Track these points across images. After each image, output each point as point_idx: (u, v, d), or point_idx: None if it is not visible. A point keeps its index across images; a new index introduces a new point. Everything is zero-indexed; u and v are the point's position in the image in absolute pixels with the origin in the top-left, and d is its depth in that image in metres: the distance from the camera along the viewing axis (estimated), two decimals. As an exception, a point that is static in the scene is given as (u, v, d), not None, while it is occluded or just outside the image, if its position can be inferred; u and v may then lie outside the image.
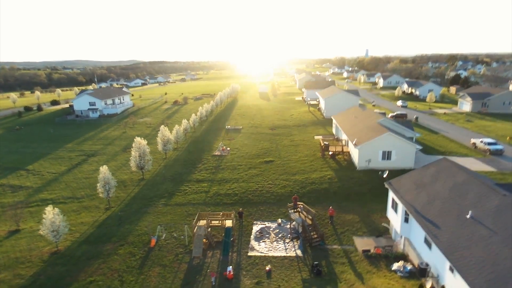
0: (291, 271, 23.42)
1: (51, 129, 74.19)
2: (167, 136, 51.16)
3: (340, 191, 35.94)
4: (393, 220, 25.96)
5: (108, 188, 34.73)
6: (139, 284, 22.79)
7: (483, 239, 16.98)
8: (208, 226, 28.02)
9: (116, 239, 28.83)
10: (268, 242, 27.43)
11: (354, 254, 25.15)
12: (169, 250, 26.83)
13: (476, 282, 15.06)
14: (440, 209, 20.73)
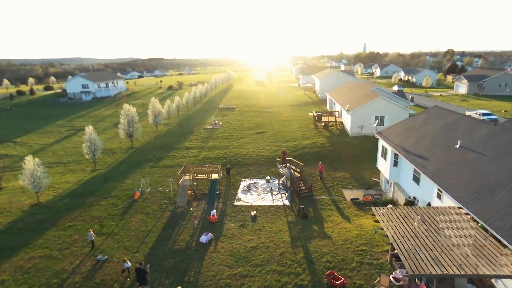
0: (277, 216, 22.73)
1: (43, 109, 73.28)
2: (158, 109, 50.42)
3: (331, 153, 35.27)
4: (382, 169, 25.32)
5: (93, 148, 33.94)
6: (119, 227, 22.05)
7: (471, 161, 16.35)
8: (194, 179, 27.27)
9: (99, 193, 28.05)
10: (255, 194, 26.74)
11: (342, 202, 24.50)
12: (153, 201, 26.07)
13: (463, 195, 14.41)
14: (429, 145, 20.09)
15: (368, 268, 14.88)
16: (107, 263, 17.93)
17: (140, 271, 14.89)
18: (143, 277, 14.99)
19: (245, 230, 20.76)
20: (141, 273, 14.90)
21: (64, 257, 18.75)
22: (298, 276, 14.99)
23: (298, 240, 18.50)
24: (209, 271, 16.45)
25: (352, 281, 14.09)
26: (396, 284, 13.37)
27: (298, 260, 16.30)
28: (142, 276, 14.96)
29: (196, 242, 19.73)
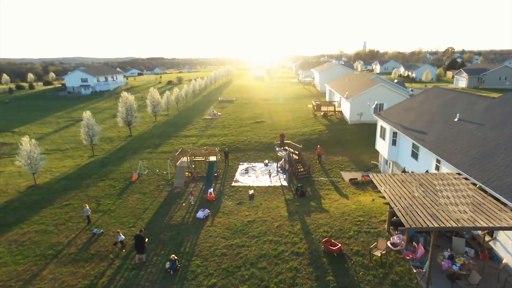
0: (275, 195, 22.57)
1: (42, 102, 73.14)
2: (157, 99, 50.31)
3: (330, 140, 35.12)
4: (381, 149, 25.16)
5: (91, 134, 33.80)
6: (116, 206, 21.90)
7: (469, 132, 16.21)
8: (192, 161, 27.13)
9: (96, 176, 27.91)
10: (253, 176, 26.58)
11: (340, 183, 24.35)
12: (150, 183, 25.92)
13: (461, 162, 14.27)
14: (428, 121, 19.94)
15: (365, 236, 14.73)
16: (103, 236, 17.78)
17: (139, 238, 14.83)
18: (141, 245, 14.91)
19: (243, 207, 20.62)
20: (139, 240, 14.82)
21: (60, 232, 18.62)
22: (294, 245, 14.84)
23: (296, 215, 18.35)
24: (205, 243, 16.31)
25: (349, 248, 13.94)
26: (393, 249, 13.22)
27: (295, 231, 16.15)
28: (141, 243, 14.88)
29: (193, 217, 19.59)
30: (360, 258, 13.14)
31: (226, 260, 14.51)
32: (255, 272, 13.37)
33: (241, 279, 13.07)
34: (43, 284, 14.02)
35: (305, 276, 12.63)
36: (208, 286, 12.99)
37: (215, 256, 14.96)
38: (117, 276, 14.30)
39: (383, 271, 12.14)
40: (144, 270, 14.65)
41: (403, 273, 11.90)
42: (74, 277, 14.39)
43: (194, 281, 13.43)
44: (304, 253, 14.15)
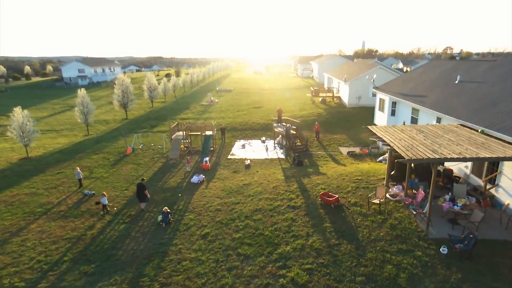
0: (272, 165, 22.16)
1: (38, 91, 72.51)
2: (154, 84, 49.84)
3: (328, 121, 34.74)
4: (380, 122, 24.82)
5: (86, 112, 33.31)
6: (109, 174, 21.43)
7: (471, 90, 15.88)
8: (188, 135, 26.70)
9: (90, 150, 27.42)
10: (250, 151, 26.16)
11: (338, 156, 23.97)
12: (145, 155, 25.47)
13: (462, 114, 13.93)
14: (428, 87, 19.61)
15: (363, 190, 14.34)
16: (94, 197, 17.32)
17: (140, 186, 15.06)
18: (142, 193, 15.07)
19: (238, 174, 20.20)
20: (141, 188, 15.02)
21: (50, 194, 18.14)
22: (291, 200, 14.43)
23: (292, 177, 17.94)
24: (199, 201, 15.88)
25: (347, 200, 13.54)
26: (392, 199, 12.84)
27: (291, 190, 15.74)
28: (142, 191, 15.04)
29: (188, 182, 19.16)
30: (358, 208, 12.75)
31: (220, 215, 14.08)
32: (249, 223, 12.95)
33: (235, 229, 12.65)
34: (30, 235, 13.55)
35: (301, 225, 12.22)
36: (201, 235, 12.56)
37: (209, 212, 14.53)
38: (107, 229, 13.85)
39: (381, 217, 11.75)
40: (135, 223, 14.22)
41: (402, 218, 11.51)
42: (63, 230, 13.93)
43: (187, 231, 13.00)
44: (300, 206, 13.75)
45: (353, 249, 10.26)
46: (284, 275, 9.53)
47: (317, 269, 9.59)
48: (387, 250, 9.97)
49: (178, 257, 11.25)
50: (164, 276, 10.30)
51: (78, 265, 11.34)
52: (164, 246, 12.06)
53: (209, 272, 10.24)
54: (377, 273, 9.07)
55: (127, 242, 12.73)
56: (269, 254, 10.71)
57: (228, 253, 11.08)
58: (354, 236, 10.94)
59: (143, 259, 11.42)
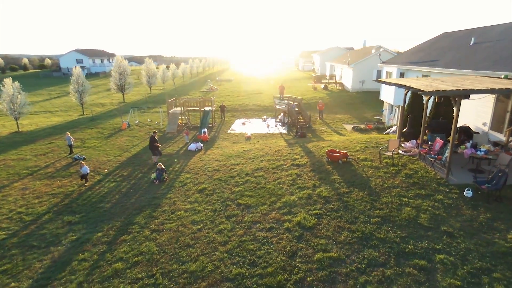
0: (274, 138, 21.15)
1: (35, 80, 71.40)
2: (153, 70, 48.81)
3: (331, 103, 33.79)
4: (386, 97, 23.85)
5: (81, 90, 32.27)
6: (102, 143, 20.39)
7: (487, 48, 14.90)
8: (186, 110, 25.70)
9: (84, 126, 26.38)
10: (250, 126, 25.16)
11: (343, 131, 22.99)
12: (141, 130, 24.45)
13: (481, 65, 12.94)
14: (439, 53, 18.63)
15: (373, 149, 13.33)
16: (85, 162, 16.26)
17: (152, 138, 15.08)
18: (153, 145, 14.99)
19: (238, 144, 19.18)
20: (152, 140, 15.03)
21: (39, 159, 17.09)
22: (295, 160, 13.40)
23: (296, 144, 16.92)
24: (196, 164, 14.86)
25: (356, 157, 12.53)
26: (405, 154, 11.84)
27: (295, 152, 14.70)
28: (153, 143, 14.98)
29: (185, 150, 18.16)
30: (368, 163, 11.74)
31: (218, 174, 13.06)
32: (250, 179, 11.93)
33: (235, 184, 11.63)
34: (12, 192, 12.51)
35: (307, 178, 11.20)
36: (198, 190, 11.55)
37: (206, 172, 13.51)
38: (96, 186, 12.83)
39: (395, 169, 10.75)
40: (126, 182, 13.19)
41: (418, 168, 10.51)
42: (49, 187, 12.89)
43: (182, 188, 11.98)
44: (305, 164, 12.73)
45: (365, 195, 9.26)
46: (290, 220, 8.52)
47: (326, 214, 8.59)
48: (404, 195, 8.97)
49: (172, 208, 10.24)
50: (156, 224, 9.28)
51: (62, 216, 10.32)
52: (157, 200, 11.05)
53: (206, 219, 9.22)
54: (394, 215, 8.07)
55: (117, 196, 11.71)
56: (272, 203, 9.70)
57: (227, 204, 10.08)
58: (366, 185, 9.93)
59: (133, 210, 10.40)
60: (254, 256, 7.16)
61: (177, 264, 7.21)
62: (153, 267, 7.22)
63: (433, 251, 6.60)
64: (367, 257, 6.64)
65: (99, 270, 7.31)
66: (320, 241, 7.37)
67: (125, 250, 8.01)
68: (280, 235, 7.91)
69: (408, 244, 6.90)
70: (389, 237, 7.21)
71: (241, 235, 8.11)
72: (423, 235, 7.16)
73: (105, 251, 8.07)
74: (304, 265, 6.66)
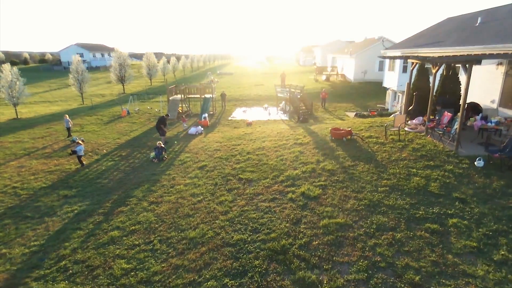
0: (275, 124, 20.80)
1: (35, 73, 71.07)
2: (153, 62, 48.42)
3: (333, 93, 33.39)
4: (390, 83, 23.47)
5: (80, 79, 31.92)
6: (102, 128, 20.08)
7: (496, 25, 14.48)
8: (186, 97, 25.35)
9: (84, 114, 26.06)
10: (251, 114, 24.80)
11: (346, 118, 22.62)
12: (141, 117, 24.12)
13: (490, 40, 12.53)
14: (444, 36, 18.19)
15: (377, 128, 12.97)
16: (84, 144, 15.94)
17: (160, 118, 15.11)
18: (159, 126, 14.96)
19: (239, 129, 18.85)
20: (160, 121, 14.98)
21: (36, 142, 16.79)
22: (297, 140, 13.05)
23: (299, 127, 16.58)
24: (197, 145, 14.54)
25: (361, 134, 12.17)
26: (411, 131, 11.49)
27: (298, 133, 14.37)
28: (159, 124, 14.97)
29: (185, 134, 17.83)
30: (373, 139, 11.39)
31: (219, 153, 12.73)
32: (252, 157, 11.60)
33: (236, 162, 11.31)
34: (8, 169, 12.21)
35: (310, 155, 10.86)
36: (198, 167, 11.23)
37: (207, 152, 13.18)
38: (93, 164, 12.52)
39: (401, 144, 10.39)
40: (125, 161, 12.88)
41: (425, 143, 10.16)
42: (45, 165, 12.60)
43: (182, 165, 11.67)
44: (308, 142, 12.38)
45: (372, 167, 8.92)
46: (293, 191, 8.19)
47: (332, 185, 8.25)
48: (412, 166, 8.62)
49: (171, 183, 9.93)
50: (155, 197, 8.97)
51: (58, 190, 10.02)
52: (156, 176, 10.74)
53: (206, 192, 8.91)
54: (403, 184, 7.73)
55: (115, 173, 11.41)
56: (275, 177, 9.37)
57: (228, 179, 9.75)
58: (372, 158, 9.59)
59: (131, 185, 10.10)
60: (256, 224, 6.85)
61: (176, 232, 6.90)
62: (151, 234, 6.92)
63: (446, 215, 6.28)
64: (375, 222, 6.32)
65: (94, 238, 7.01)
66: (326, 209, 7.04)
67: (122, 220, 7.70)
68: (283, 204, 7.59)
69: (419, 210, 6.57)
70: (398, 204, 6.88)
71: (242, 206, 7.79)
72: (434, 201, 6.83)
73: (101, 221, 7.77)
74: (310, 230, 6.34)
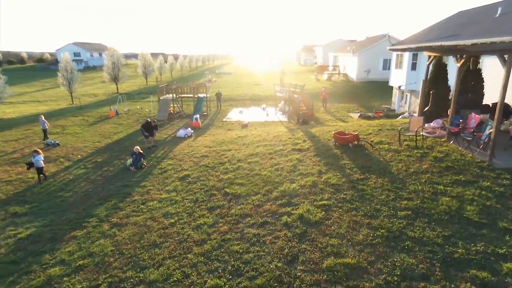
0: (273, 126, 19.14)
1: (31, 72, 69.69)
2: (149, 60, 46.85)
3: (335, 93, 31.74)
4: (397, 81, 21.80)
5: (69, 77, 30.35)
6: (84, 131, 18.46)
7: (522, 16, 12.78)
8: (178, 96, 23.76)
9: (70, 114, 24.47)
10: (248, 115, 23.17)
11: (349, 119, 20.96)
12: (129, 118, 22.52)
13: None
14: (459, 28, 16.50)
15: (388, 131, 11.31)
16: (59, 148, 14.36)
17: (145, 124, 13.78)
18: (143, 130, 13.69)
19: (233, 131, 17.22)
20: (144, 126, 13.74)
21: (8, 145, 15.18)
22: (296, 145, 11.39)
23: (298, 129, 14.92)
24: (182, 150, 12.89)
25: (370, 140, 10.51)
26: (429, 135, 9.83)
27: (297, 137, 12.70)
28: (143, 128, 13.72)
29: (173, 137, 16.21)
30: (385, 146, 9.72)
31: (206, 160, 11.09)
32: (243, 165, 9.95)
33: (224, 171, 9.66)
34: (-39, 179, 10.60)
35: (311, 164, 9.21)
36: (179, 177, 9.59)
37: (193, 158, 11.54)
38: (61, 173, 10.90)
39: (419, 152, 8.73)
40: (98, 168, 11.26)
41: (450, 151, 8.49)
42: (6, 173, 10.98)
43: (162, 175, 10.03)
44: (308, 148, 10.73)
45: (386, 182, 7.26)
46: (289, 213, 6.54)
47: (337, 205, 6.59)
48: (438, 182, 6.95)
49: (144, 198, 8.29)
50: (119, 217, 7.32)
51: (9, 206, 8.39)
52: (128, 188, 9.11)
53: (183, 212, 7.26)
54: (429, 206, 6.07)
55: (82, 184, 9.78)
56: (268, 192, 7.72)
57: (211, 193, 8.10)
58: (386, 170, 7.93)
59: (97, 200, 8.47)
60: (239, 261, 5.20)
61: (133, 271, 5.25)
62: (101, 274, 5.27)
63: (496, 256, 4.61)
64: (399, 265, 4.66)
65: (27, 278, 5.36)
66: (331, 241, 5.39)
67: (71, 250, 6.06)
68: (275, 232, 5.94)
69: (456, 246, 4.90)
70: (426, 236, 5.22)
71: (224, 232, 6.14)
72: (476, 234, 5.16)
73: (44, 252, 6.14)
74: (309, 275, 4.69)
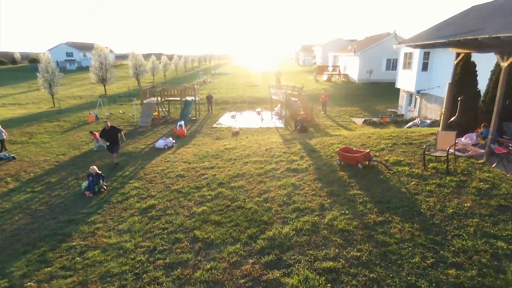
0: (268, 134, 17.04)
1: (21, 73, 67.44)
2: (140, 61, 44.63)
3: (336, 95, 29.69)
4: (405, 83, 19.75)
5: (51, 78, 28.22)
6: (53, 140, 16.32)
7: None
8: (164, 99, 21.68)
9: (46, 119, 22.33)
10: (241, 120, 21.09)
11: (352, 125, 18.87)
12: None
13: None
14: (478, 23, 14.44)
15: (405, 147, 9.21)
16: (13, 162, 12.23)
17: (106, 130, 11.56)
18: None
19: (221, 141, 15.11)
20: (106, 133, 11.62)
21: (-44, 159, 13.04)
22: (292, 163, 9.29)
23: (295, 140, 12.81)
24: (156, 167, 10.77)
25: (384, 159, 8.42)
26: (461, 155, 7.73)
27: (293, 152, 10.60)
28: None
29: (151, 148, 14.10)
30: (405, 168, 7.62)
31: (180, 182, 8.98)
32: (223, 191, 7.84)
33: (199, 201, 7.55)
34: None
35: (310, 192, 7.10)
36: (141, 209, 7.48)
37: (165, 179, 9.42)
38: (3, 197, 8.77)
39: (454, 179, 6.64)
40: (47, 192, 9.14)
41: (495, 179, 6.40)
42: None
43: (121, 204, 7.91)
44: (307, 168, 8.62)
45: (417, 232, 5.15)
46: (278, 281, 4.43)
47: (349, 272, 4.48)
48: (495, 234, 4.85)
49: (86, 243, 6.17)
50: (39, 279, 5.19)
51: None
52: (72, 225, 6.98)
53: (129, 271, 5.14)
54: (493, 282, 3.96)
55: (16, 218, 7.64)
56: (251, 239, 5.60)
57: (176, 237, 5.99)
58: (413, 208, 5.82)
59: (24, 245, 6.34)
60: None
61: None
62: None
63: None
64: None
65: None
66: None
67: None
68: (255, 322, 3.82)
69: None
70: None
71: (178, 319, 4.02)
72: None
73: None
74: None
